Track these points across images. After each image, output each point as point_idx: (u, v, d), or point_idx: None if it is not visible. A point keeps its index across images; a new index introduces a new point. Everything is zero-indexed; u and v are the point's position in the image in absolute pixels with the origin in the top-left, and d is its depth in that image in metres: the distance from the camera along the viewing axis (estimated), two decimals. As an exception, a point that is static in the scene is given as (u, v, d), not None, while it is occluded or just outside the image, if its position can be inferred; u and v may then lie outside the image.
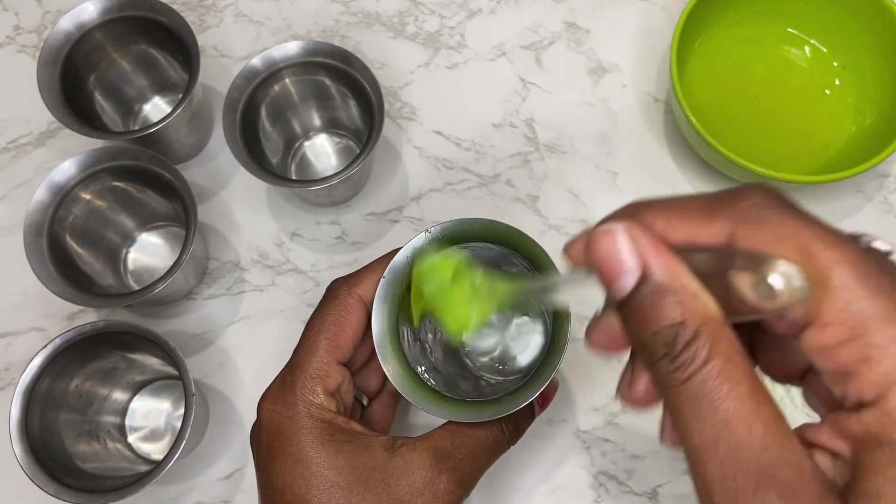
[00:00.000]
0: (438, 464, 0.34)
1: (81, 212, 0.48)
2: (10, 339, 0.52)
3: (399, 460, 0.33)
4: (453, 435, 0.35)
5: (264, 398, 0.35)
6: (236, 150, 0.47)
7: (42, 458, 0.42)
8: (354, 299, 0.36)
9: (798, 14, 0.55)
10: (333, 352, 0.35)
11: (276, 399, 0.35)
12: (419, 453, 0.34)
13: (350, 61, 0.48)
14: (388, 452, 0.34)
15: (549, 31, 0.58)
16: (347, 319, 0.36)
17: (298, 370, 0.35)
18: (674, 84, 0.49)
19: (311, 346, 0.35)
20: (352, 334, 0.36)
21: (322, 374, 0.35)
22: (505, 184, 0.54)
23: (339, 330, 0.36)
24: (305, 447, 0.33)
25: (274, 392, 0.35)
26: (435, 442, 0.34)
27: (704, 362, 0.20)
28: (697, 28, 0.53)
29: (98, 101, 0.53)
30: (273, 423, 0.34)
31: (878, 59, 0.52)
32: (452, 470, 0.34)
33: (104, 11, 0.50)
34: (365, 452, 0.34)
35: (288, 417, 0.34)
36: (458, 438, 0.35)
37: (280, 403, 0.34)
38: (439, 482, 0.34)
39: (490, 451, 0.36)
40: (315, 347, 0.35)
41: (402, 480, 0.33)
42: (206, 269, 0.53)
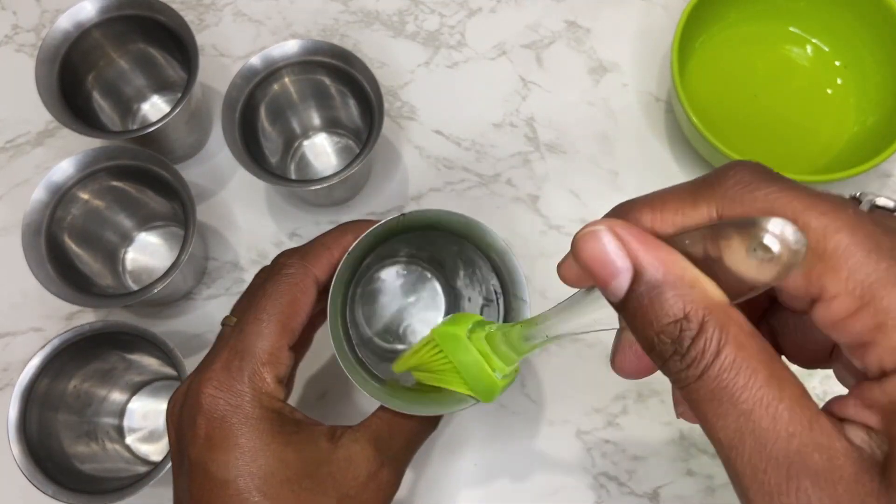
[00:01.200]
0: (379, 455, 0.33)
1: (80, 211, 0.48)
2: (8, 339, 0.52)
3: (343, 451, 0.33)
4: (389, 423, 0.34)
5: (205, 381, 0.32)
6: (235, 150, 0.47)
7: (40, 458, 0.42)
8: (310, 280, 0.34)
9: (800, 13, 0.55)
10: (285, 336, 0.33)
11: (222, 384, 0.32)
12: (362, 445, 0.33)
13: (350, 60, 0.48)
14: (331, 443, 0.33)
15: (550, 31, 0.57)
16: (302, 301, 0.33)
17: (248, 354, 0.32)
18: (675, 83, 0.49)
19: (263, 328, 0.33)
20: (304, 318, 0.34)
21: (274, 360, 0.32)
22: (505, 183, 0.54)
23: (292, 313, 0.33)
24: (253, 438, 0.31)
25: (218, 375, 0.32)
26: (374, 432, 0.34)
27: (716, 354, 0.19)
28: (698, 27, 0.53)
29: (96, 101, 0.53)
30: (216, 410, 0.31)
31: (880, 58, 0.52)
32: (392, 460, 0.34)
33: (103, 10, 0.50)
34: (311, 444, 0.32)
35: (235, 406, 0.31)
36: (395, 427, 0.34)
37: (226, 389, 0.32)
38: (382, 473, 0.33)
39: (421, 438, 0.36)
40: (267, 330, 0.33)
41: (348, 474, 0.32)
42: (205, 270, 0.52)
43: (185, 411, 0.33)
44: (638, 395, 0.50)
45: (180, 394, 0.34)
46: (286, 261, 0.35)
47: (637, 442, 0.49)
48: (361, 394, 0.34)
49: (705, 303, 0.19)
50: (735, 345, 0.19)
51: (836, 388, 0.23)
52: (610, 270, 0.20)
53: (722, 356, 0.19)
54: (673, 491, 0.48)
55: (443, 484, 0.48)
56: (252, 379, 0.32)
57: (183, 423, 0.33)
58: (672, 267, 0.20)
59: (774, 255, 0.18)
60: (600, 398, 0.50)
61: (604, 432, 0.49)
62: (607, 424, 0.49)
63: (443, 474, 0.48)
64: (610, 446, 0.49)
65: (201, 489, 0.31)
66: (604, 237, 0.20)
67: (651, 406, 0.50)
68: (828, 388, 0.47)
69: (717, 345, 0.19)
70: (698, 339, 0.19)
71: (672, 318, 0.19)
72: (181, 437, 0.33)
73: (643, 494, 0.48)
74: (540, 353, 0.50)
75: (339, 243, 0.35)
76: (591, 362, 0.50)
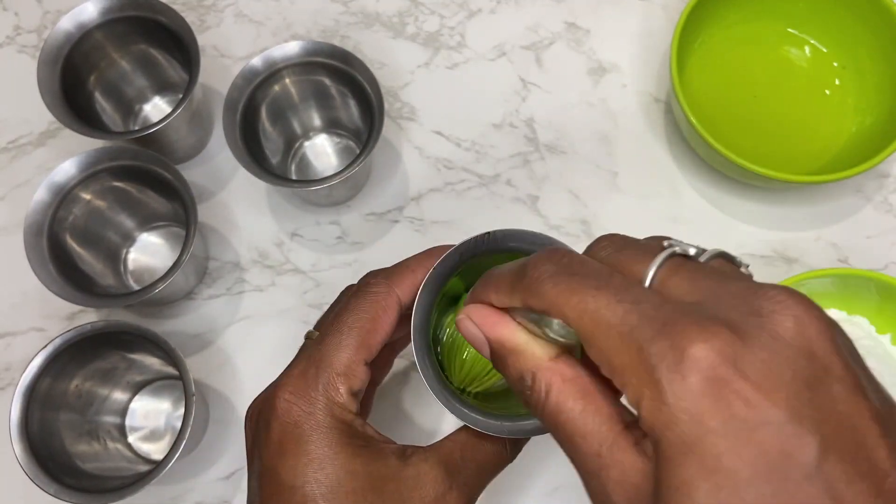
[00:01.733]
0: (449, 478, 0.33)
1: (81, 212, 0.48)
2: (9, 339, 0.52)
3: (411, 470, 0.32)
4: (462, 448, 0.34)
5: (281, 386, 0.33)
6: (236, 151, 0.47)
7: (42, 458, 0.42)
8: (393, 299, 0.34)
9: (798, 14, 0.55)
10: (363, 351, 0.33)
11: (297, 391, 0.32)
12: (431, 465, 0.33)
13: (350, 61, 0.48)
14: (401, 461, 0.33)
15: (549, 31, 0.58)
16: (384, 320, 0.34)
17: (325, 364, 0.33)
18: (674, 84, 0.49)
19: (342, 341, 0.33)
20: (384, 336, 0.34)
21: (349, 372, 0.33)
22: (505, 184, 0.54)
23: (373, 329, 0.33)
24: (323, 447, 0.31)
25: (294, 382, 0.33)
26: (445, 454, 0.33)
27: (546, 398, 0.24)
28: (697, 28, 0.53)
29: (98, 101, 0.53)
30: (290, 416, 0.32)
31: (878, 59, 0.52)
32: (462, 485, 0.33)
33: (104, 11, 0.50)
34: (380, 459, 0.32)
35: (308, 412, 0.32)
36: (468, 452, 0.34)
37: (301, 396, 0.32)
38: (450, 497, 0.33)
39: (494, 468, 0.35)
40: (345, 343, 0.33)
41: (415, 493, 0.32)
42: (206, 270, 0.53)
43: (261, 415, 0.34)
44: (637, 395, 0.50)
45: (259, 399, 0.34)
46: (371, 280, 0.35)
47: (636, 441, 0.49)
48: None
49: (533, 363, 0.25)
50: (557, 389, 0.24)
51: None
52: (479, 345, 0.27)
53: (550, 398, 0.24)
54: (672, 490, 0.48)
55: (443, 483, 0.49)
56: (326, 388, 0.32)
57: (259, 427, 0.33)
58: (508, 339, 0.26)
59: (561, 338, 0.25)
60: (600, 397, 0.50)
61: (603, 431, 0.49)
62: (607, 424, 0.49)
63: (443, 473, 0.49)
64: (609, 445, 0.49)
65: (270, 492, 0.32)
66: (466, 323, 0.27)
67: (650, 405, 0.50)
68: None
69: (544, 391, 0.24)
70: (533, 389, 0.25)
71: (516, 377, 0.26)
72: (256, 439, 0.34)
73: (642, 493, 0.48)
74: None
75: (422, 265, 0.35)
76: (590, 362, 0.50)
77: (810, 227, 0.53)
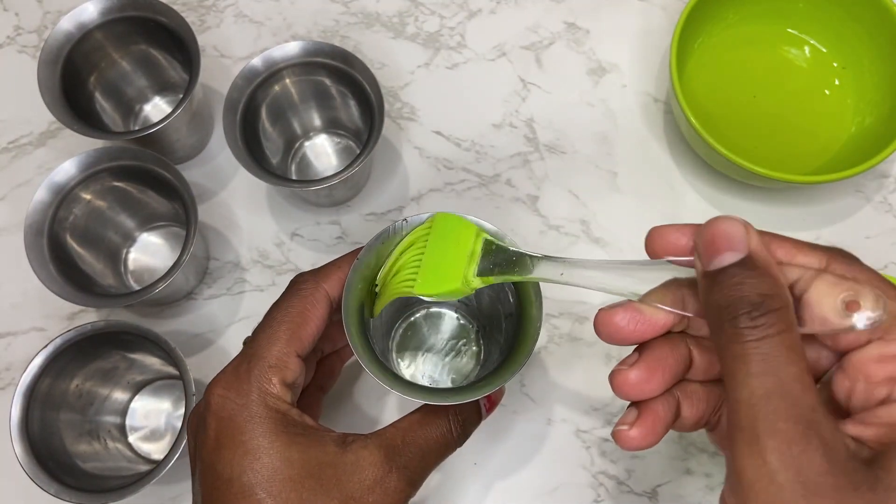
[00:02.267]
0: (389, 461, 0.33)
1: (82, 212, 0.48)
2: (10, 339, 0.52)
3: (351, 456, 0.33)
4: (404, 433, 0.35)
5: (215, 383, 0.34)
6: (236, 151, 0.47)
7: (42, 457, 0.42)
8: (321, 293, 0.35)
9: (798, 14, 0.55)
10: (294, 343, 0.34)
11: (230, 385, 0.33)
12: (371, 450, 0.33)
13: (350, 61, 0.49)
14: (340, 448, 0.33)
15: (549, 32, 0.58)
16: (312, 313, 0.35)
17: (256, 358, 0.34)
18: (673, 84, 0.49)
19: (272, 335, 0.34)
20: (315, 329, 0.35)
21: (281, 364, 0.34)
22: (505, 184, 0.54)
23: (302, 322, 0.35)
24: (258, 437, 0.32)
25: (227, 377, 0.34)
26: (386, 439, 0.34)
27: (780, 331, 0.24)
28: (697, 28, 0.53)
29: (98, 102, 0.53)
30: (224, 410, 0.33)
31: (877, 59, 0.52)
32: (402, 468, 0.34)
33: (104, 12, 0.50)
34: (317, 446, 0.33)
35: (241, 405, 0.33)
36: (409, 437, 0.34)
37: (233, 390, 0.33)
38: (389, 479, 0.33)
39: (438, 452, 0.36)
40: (276, 337, 0.34)
41: (354, 477, 0.33)
42: (206, 269, 0.53)
43: (197, 413, 0.34)
44: (637, 395, 0.50)
45: (197, 404, 0.35)
46: (298, 279, 0.37)
47: (636, 441, 0.49)
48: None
49: (787, 300, 0.25)
50: (791, 336, 0.25)
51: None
52: (730, 245, 0.26)
53: (783, 335, 0.24)
54: (672, 490, 0.48)
55: (442, 483, 0.49)
56: (259, 380, 0.33)
57: (198, 427, 0.34)
58: (776, 267, 0.26)
59: (861, 318, 0.25)
60: (599, 397, 0.50)
61: (603, 431, 0.49)
62: (606, 423, 0.49)
63: (442, 473, 0.49)
64: (609, 445, 0.49)
65: (210, 488, 0.32)
66: (738, 223, 0.27)
67: (650, 405, 0.50)
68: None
69: (783, 326, 0.25)
70: (772, 314, 0.25)
71: (763, 291, 0.25)
72: (196, 441, 0.34)
73: (642, 493, 0.48)
74: (539, 352, 0.51)
75: (348, 261, 0.36)
76: (590, 361, 0.51)
77: (810, 227, 0.53)
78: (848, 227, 0.53)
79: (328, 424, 0.35)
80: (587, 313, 0.51)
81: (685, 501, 0.48)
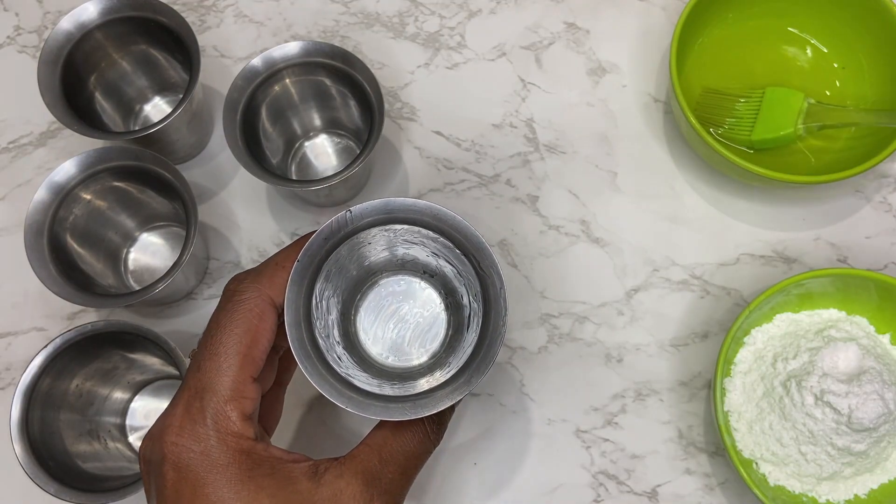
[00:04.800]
0: (369, 488, 0.30)
1: (82, 212, 0.48)
2: (10, 339, 0.52)
3: (326, 490, 0.30)
4: (379, 451, 0.31)
5: (166, 429, 0.29)
6: (236, 151, 0.47)
7: (42, 457, 0.42)
8: (266, 303, 0.31)
9: (798, 14, 0.55)
10: (248, 368, 0.30)
11: (184, 430, 0.29)
12: (347, 479, 0.30)
13: (350, 61, 0.49)
14: (313, 482, 0.30)
15: (549, 32, 0.58)
16: (261, 328, 0.31)
17: (209, 393, 0.30)
18: (673, 84, 0.49)
19: (222, 362, 0.30)
20: (266, 344, 0.31)
21: (237, 394, 0.30)
22: (505, 184, 0.54)
23: (252, 342, 0.31)
24: (223, 489, 0.28)
25: (179, 421, 0.29)
26: (362, 463, 0.31)
27: None
28: (697, 28, 0.53)
29: (98, 102, 0.53)
30: (181, 460, 0.29)
31: (877, 60, 0.52)
32: (384, 493, 0.31)
33: (104, 12, 0.50)
34: (288, 486, 0.29)
35: (200, 453, 0.29)
36: (386, 454, 0.31)
37: (188, 436, 0.29)
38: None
39: (419, 460, 0.33)
40: (227, 364, 0.30)
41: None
42: (206, 269, 0.53)
43: (152, 464, 0.30)
44: (637, 394, 0.50)
45: (148, 438, 0.31)
46: (237, 286, 0.32)
47: (636, 441, 0.49)
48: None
49: None
50: None
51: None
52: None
53: None
54: (671, 490, 0.48)
55: (442, 483, 0.49)
56: (216, 420, 0.29)
57: (151, 476, 0.31)
58: None
59: None
60: (599, 397, 0.50)
61: (602, 431, 0.49)
62: (606, 423, 0.49)
63: (442, 473, 0.49)
64: (609, 445, 0.49)
65: None
66: None
67: (650, 405, 0.50)
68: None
69: None
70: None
71: None
72: (151, 489, 0.31)
73: (642, 493, 0.48)
74: (539, 353, 0.51)
75: (290, 258, 0.32)
76: (590, 361, 0.51)
77: (809, 227, 0.53)
78: (848, 227, 0.53)
79: (307, 420, 0.33)
80: (587, 313, 0.51)
81: (685, 501, 0.48)
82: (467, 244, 0.34)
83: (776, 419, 0.45)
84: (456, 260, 0.35)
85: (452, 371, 0.34)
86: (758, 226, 0.53)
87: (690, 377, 0.50)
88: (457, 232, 0.34)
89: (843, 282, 0.47)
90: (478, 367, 0.33)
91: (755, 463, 0.46)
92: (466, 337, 0.35)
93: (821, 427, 0.43)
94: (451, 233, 0.34)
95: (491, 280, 0.34)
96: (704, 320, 0.51)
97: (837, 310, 0.48)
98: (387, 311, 0.37)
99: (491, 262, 0.34)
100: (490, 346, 0.33)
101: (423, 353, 0.37)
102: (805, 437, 0.44)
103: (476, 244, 0.34)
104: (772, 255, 0.53)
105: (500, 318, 0.33)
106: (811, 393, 0.44)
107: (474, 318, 0.35)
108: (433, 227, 0.34)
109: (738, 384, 0.47)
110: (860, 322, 0.48)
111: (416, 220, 0.34)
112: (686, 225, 0.53)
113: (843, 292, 0.47)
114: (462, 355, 0.34)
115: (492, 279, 0.34)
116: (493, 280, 0.34)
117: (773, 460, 0.45)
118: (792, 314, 0.48)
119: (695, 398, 0.50)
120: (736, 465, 0.43)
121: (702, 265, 0.52)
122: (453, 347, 0.36)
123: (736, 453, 0.44)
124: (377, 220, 0.34)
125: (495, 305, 0.34)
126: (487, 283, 0.34)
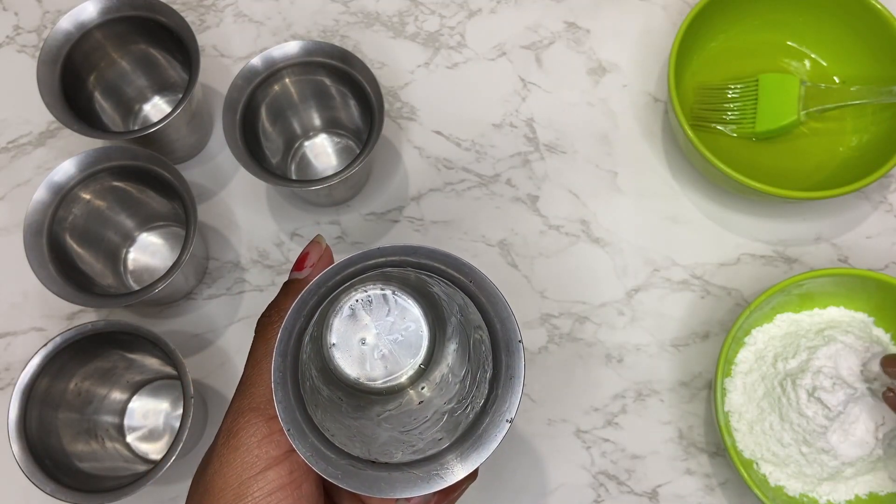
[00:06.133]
0: None
1: (81, 212, 0.48)
2: (9, 338, 0.52)
3: None
4: None
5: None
6: (236, 150, 0.47)
7: (40, 457, 0.42)
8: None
9: (798, 27, 0.54)
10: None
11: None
12: None
13: (350, 61, 0.48)
14: None
15: (549, 31, 0.57)
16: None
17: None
18: (671, 96, 0.48)
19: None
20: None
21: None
22: (505, 184, 0.54)
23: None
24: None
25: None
26: None
27: None
28: (696, 39, 0.52)
29: (98, 101, 0.53)
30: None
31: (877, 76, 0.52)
32: None
33: (104, 11, 0.50)
34: None
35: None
36: None
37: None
38: None
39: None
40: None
41: None
42: (205, 269, 0.53)
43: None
44: (637, 395, 0.50)
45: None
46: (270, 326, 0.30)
47: (636, 441, 0.49)
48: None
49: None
50: None
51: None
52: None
53: None
54: (672, 490, 0.48)
55: (442, 483, 0.48)
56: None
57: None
58: None
59: None
60: (599, 397, 0.50)
61: (603, 431, 0.49)
62: (606, 423, 0.49)
63: (442, 473, 0.49)
64: (609, 445, 0.49)
65: None
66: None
67: (650, 405, 0.50)
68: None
69: None
70: None
71: None
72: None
73: (642, 493, 0.48)
74: (539, 353, 0.51)
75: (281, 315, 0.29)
76: (590, 362, 0.50)
77: (810, 227, 0.53)
78: (848, 226, 0.53)
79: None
80: (587, 313, 0.51)
81: (685, 502, 0.48)
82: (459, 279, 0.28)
83: (777, 419, 0.45)
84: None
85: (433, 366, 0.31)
86: (758, 226, 0.53)
87: (691, 377, 0.50)
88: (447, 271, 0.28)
89: (844, 282, 0.47)
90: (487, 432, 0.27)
91: (756, 463, 0.46)
92: (451, 346, 0.32)
93: (812, 426, 0.43)
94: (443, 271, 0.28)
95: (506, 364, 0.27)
96: (705, 320, 0.51)
97: (837, 307, 0.48)
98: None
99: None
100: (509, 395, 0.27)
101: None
102: (801, 438, 0.44)
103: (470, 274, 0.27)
104: (772, 255, 0.53)
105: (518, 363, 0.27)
106: (804, 390, 0.44)
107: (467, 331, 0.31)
108: (422, 268, 0.29)
109: (738, 384, 0.47)
110: (861, 321, 0.48)
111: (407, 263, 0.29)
112: (687, 225, 0.53)
113: (843, 292, 0.47)
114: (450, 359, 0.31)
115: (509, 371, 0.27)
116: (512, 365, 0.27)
117: (774, 461, 0.45)
118: (793, 314, 0.48)
119: (695, 398, 0.50)
120: (737, 465, 0.43)
121: (702, 265, 0.52)
122: (433, 350, 0.32)
123: (737, 454, 0.44)
124: (368, 267, 0.29)
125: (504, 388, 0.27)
126: (501, 367, 0.27)
